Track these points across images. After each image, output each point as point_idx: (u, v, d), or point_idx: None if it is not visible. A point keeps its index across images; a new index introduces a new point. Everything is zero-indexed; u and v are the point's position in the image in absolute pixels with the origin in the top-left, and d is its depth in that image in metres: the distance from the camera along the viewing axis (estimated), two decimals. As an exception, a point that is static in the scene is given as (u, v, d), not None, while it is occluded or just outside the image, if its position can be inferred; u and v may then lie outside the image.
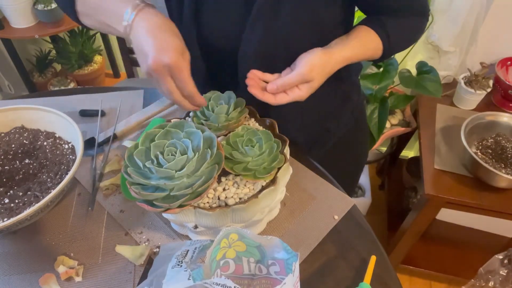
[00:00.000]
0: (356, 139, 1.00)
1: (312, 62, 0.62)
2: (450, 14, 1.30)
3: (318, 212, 0.72)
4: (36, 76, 1.94)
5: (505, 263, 1.37)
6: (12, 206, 0.62)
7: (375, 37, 0.70)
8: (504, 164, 1.09)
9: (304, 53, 0.65)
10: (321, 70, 0.64)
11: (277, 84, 0.61)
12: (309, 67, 0.62)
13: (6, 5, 1.52)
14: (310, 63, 0.62)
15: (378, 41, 0.70)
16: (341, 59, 0.66)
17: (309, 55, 0.63)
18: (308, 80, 0.63)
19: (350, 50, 0.67)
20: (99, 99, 0.95)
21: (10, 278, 0.63)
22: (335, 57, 0.65)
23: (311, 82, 0.63)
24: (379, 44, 0.70)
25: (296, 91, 0.63)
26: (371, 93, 1.35)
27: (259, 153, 0.61)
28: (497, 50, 1.39)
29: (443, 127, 1.29)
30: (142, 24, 0.55)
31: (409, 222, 1.30)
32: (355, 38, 0.69)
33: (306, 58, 0.63)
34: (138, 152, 0.56)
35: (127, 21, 0.56)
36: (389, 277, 0.65)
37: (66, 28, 1.63)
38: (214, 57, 0.73)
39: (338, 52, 0.66)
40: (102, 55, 2.01)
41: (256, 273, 0.56)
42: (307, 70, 0.62)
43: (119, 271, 0.64)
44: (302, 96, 0.63)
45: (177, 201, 0.53)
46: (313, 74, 0.63)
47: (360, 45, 0.69)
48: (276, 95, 0.63)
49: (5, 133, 0.75)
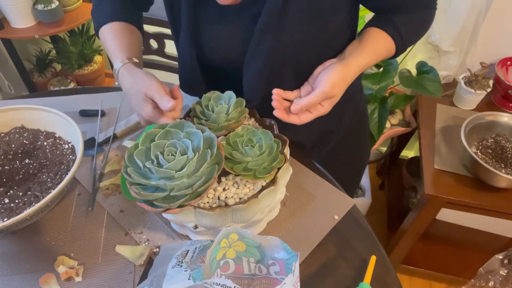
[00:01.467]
0: (358, 140, 1.00)
1: (334, 79, 0.62)
2: (450, 14, 1.30)
3: (318, 212, 0.72)
4: (36, 76, 1.94)
5: (505, 263, 1.37)
6: (12, 206, 0.62)
7: (387, 39, 0.70)
8: (504, 164, 1.09)
9: (323, 69, 0.65)
10: (342, 85, 0.64)
11: (301, 105, 0.61)
12: (331, 84, 0.62)
13: (6, 5, 1.52)
14: (332, 80, 0.62)
15: (390, 41, 0.70)
16: (358, 69, 0.66)
17: (330, 71, 0.63)
18: (331, 97, 0.63)
19: (365, 58, 0.67)
20: (99, 99, 0.95)
21: (10, 278, 0.63)
22: (353, 69, 0.65)
23: (333, 98, 0.64)
24: (391, 45, 0.70)
25: (319, 107, 0.63)
26: (371, 93, 1.35)
27: (259, 153, 0.61)
28: (497, 50, 1.39)
29: (443, 127, 1.29)
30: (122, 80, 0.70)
31: (409, 222, 1.30)
32: (367, 43, 0.68)
33: (327, 75, 0.63)
34: (138, 152, 0.56)
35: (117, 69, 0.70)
36: (389, 277, 0.65)
37: (66, 28, 1.63)
38: (216, 75, 0.74)
39: (355, 63, 0.66)
40: (102, 55, 2.01)
41: (256, 273, 0.56)
42: (330, 88, 0.62)
43: (119, 271, 0.64)
44: (325, 112, 0.64)
45: (177, 201, 0.53)
46: (336, 90, 0.63)
47: (373, 50, 0.69)
48: (300, 115, 0.63)
49: (5, 133, 0.75)
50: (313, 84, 0.67)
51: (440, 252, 1.55)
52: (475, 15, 1.28)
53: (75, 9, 1.70)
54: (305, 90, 0.67)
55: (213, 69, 0.73)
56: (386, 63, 1.35)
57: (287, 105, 0.65)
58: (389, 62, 1.34)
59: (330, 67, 0.64)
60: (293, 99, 0.67)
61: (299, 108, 0.61)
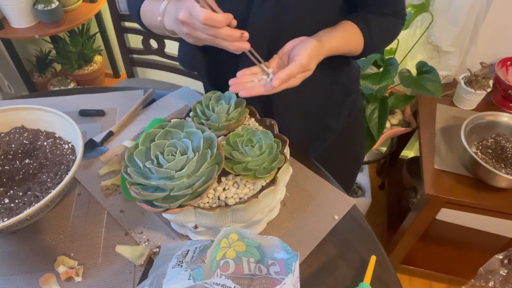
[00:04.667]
0: (354, 137, 1.01)
1: (311, 52, 0.63)
2: (450, 14, 1.30)
3: (318, 212, 0.72)
4: (36, 76, 1.94)
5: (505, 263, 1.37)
6: (12, 206, 0.62)
7: (358, 32, 0.72)
8: (504, 164, 1.09)
9: (297, 43, 0.65)
10: (316, 59, 0.65)
11: (281, 79, 0.61)
12: (309, 57, 0.63)
13: (6, 5, 1.52)
14: (309, 53, 0.63)
15: (360, 36, 0.72)
16: (329, 49, 0.68)
17: (306, 44, 0.64)
18: (307, 70, 0.64)
19: (336, 41, 0.69)
20: (99, 99, 0.95)
21: (10, 278, 0.63)
22: (325, 47, 0.67)
23: (308, 71, 0.64)
24: (361, 39, 0.73)
25: (292, 80, 0.63)
26: (371, 93, 1.35)
27: (259, 153, 0.61)
28: (497, 50, 1.39)
29: (443, 127, 1.29)
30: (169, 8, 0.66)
31: (409, 222, 1.30)
32: (340, 30, 0.70)
33: (304, 48, 0.63)
34: (138, 152, 0.56)
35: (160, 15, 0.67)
36: (389, 277, 0.65)
37: (66, 28, 1.63)
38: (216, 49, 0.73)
39: (327, 43, 0.67)
40: (102, 55, 2.01)
41: (256, 273, 0.56)
42: (307, 61, 0.62)
43: (119, 271, 0.64)
44: (295, 85, 0.64)
45: (177, 201, 0.53)
46: (312, 64, 0.64)
47: (344, 38, 0.70)
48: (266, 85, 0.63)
49: (5, 133, 0.75)
50: (283, 57, 0.67)
51: (440, 252, 1.55)
52: (475, 15, 1.28)
53: (75, 9, 1.70)
54: (276, 62, 0.67)
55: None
56: (386, 63, 1.35)
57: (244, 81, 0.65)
58: (389, 62, 1.34)
59: (305, 41, 0.65)
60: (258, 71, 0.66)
61: (280, 81, 0.61)
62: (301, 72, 0.63)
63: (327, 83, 0.81)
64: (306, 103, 0.82)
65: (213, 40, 0.60)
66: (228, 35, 0.59)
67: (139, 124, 0.89)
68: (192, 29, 0.60)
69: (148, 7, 0.74)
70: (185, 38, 0.65)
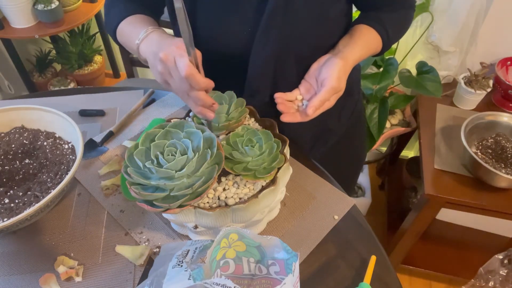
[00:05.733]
0: (356, 138, 1.01)
1: (338, 73, 0.64)
2: (450, 14, 1.30)
3: (318, 212, 0.72)
4: (36, 76, 1.94)
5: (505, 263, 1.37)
6: (12, 206, 0.62)
7: (375, 35, 0.72)
8: (504, 164, 1.09)
9: (322, 64, 0.66)
10: (344, 78, 0.65)
11: (315, 106, 0.62)
12: (337, 79, 0.63)
13: (6, 5, 1.52)
14: (337, 75, 0.63)
15: (378, 38, 0.73)
16: (353, 62, 0.68)
17: (332, 66, 0.64)
18: (338, 91, 0.65)
19: (358, 51, 0.69)
20: (99, 99, 0.95)
21: (10, 278, 0.63)
22: (349, 61, 0.67)
23: (339, 92, 0.65)
24: (379, 41, 0.73)
25: (326, 103, 0.64)
26: (371, 93, 1.35)
27: (259, 153, 0.61)
28: (497, 50, 1.39)
29: (443, 127, 1.29)
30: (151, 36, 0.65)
31: (409, 222, 1.30)
32: (359, 38, 0.70)
33: (331, 70, 0.64)
34: (138, 152, 0.56)
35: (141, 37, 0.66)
36: (389, 277, 0.65)
37: (66, 28, 1.63)
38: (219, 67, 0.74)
39: (350, 56, 0.67)
40: (102, 55, 2.01)
41: (256, 273, 0.56)
42: (337, 83, 0.63)
43: (119, 271, 0.64)
44: (330, 106, 0.65)
45: (177, 201, 0.53)
46: (342, 84, 0.64)
47: (364, 45, 0.71)
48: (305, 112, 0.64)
49: (5, 133, 0.75)
50: (310, 80, 0.68)
51: (440, 252, 1.55)
52: (475, 15, 1.28)
53: (75, 9, 1.70)
54: (305, 87, 0.68)
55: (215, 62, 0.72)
56: (386, 63, 1.35)
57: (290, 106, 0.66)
58: (389, 62, 1.34)
59: (330, 61, 0.65)
60: (293, 98, 0.68)
61: (314, 109, 0.62)
62: (333, 95, 0.64)
63: None
64: None
65: (183, 95, 0.60)
66: (201, 99, 0.58)
67: (139, 124, 0.89)
68: (167, 73, 0.59)
69: (127, 28, 0.72)
70: (154, 74, 0.62)
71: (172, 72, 0.58)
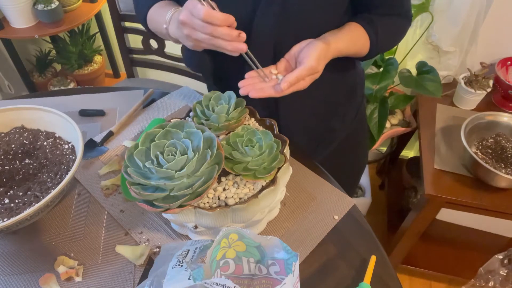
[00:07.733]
0: (359, 140, 1.01)
1: (319, 54, 0.63)
2: (450, 14, 1.30)
3: (318, 212, 0.72)
4: (36, 76, 1.94)
5: (505, 263, 1.37)
6: (12, 206, 0.62)
7: (364, 34, 0.72)
8: (504, 164, 1.09)
9: (304, 46, 0.65)
10: (323, 61, 0.65)
11: (290, 82, 0.61)
12: (317, 59, 0.63)
13: (6, 5, 1.52)
14: (317, 55, 0.63)
15: (366, 38, 0.72)
16: (336, 51, 0.67)
17: (313, 47, 0.64)
18: (316, 72, 0.64)
19: (343, 43, 0.69)
20: (99, 99, 0.95)
21: (10, 278, 0.63)
22: (332, 49, 0.66)
23: (316, 74, 0.64)
24: (366, 42, 0.73)
25: (301, 82, 0.63)
26: (371, 93, 1.35)
27: (259, 153, 0.61)
28: (497, 50, 1.39)
29: (443, 127, 1.29)
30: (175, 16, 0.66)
31: (409, 222, 1.30)
32: (346, 32, 0.70)
33: (312, 50, 0.63)
34: (138, 152, 0.56)
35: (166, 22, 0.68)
36: (389, 277, 0.65)
37: (66, 28, 1.63)
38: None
39: (334, 43, 0.67)
40: (102, 55, 2.01)
41: (256, 273, 0.56)
42: (316, 63, 0.62)
43: (119, 271, 0.64)
44: (304, 87, 0.64)
45: (177, 201, 0.53)
46: (320, 66, 0.64)
47: (350, 39, 0.70)
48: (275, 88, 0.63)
49: (5, 133, 0.75)
50: (290, 60, 0.67)
51: (440, 252, 1.55)
52: (475, 15, 1.28)
53: (75, 9, 1.69)
54: (283, 66, 0.67)
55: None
56: (386, 63, 1.35)
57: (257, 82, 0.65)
58: (389, 62, 1.34)
59: (312, 43, 0.65)
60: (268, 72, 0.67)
61: (289, 84, 0.61)
62: (309, 75, 0.63)
63: (333, 85, 0.81)
64: (311, 105, 0.82)
65: (211, 40, 0.60)
66: (225, 33, 0.58)
67: (139, 124, 0.89)
68: (191, 30, 0.60)
69: (154, 14, 0.74)
70: (185, 42, 0.64)
71: (193, 24, 0.59)
